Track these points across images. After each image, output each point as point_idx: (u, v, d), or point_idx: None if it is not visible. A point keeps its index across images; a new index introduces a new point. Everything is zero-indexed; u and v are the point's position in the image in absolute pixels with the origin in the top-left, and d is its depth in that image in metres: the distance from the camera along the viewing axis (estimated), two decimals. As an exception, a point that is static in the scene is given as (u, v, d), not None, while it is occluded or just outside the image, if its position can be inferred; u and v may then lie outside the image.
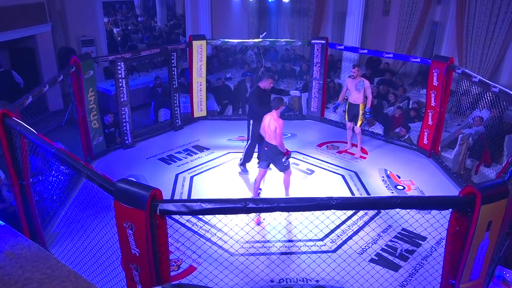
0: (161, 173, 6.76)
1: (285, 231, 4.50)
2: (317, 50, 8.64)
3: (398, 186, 6.50)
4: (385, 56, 8.25)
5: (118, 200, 2.85)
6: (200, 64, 8.46)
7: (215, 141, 8.00)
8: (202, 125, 8.84)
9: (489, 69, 9.88)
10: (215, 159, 7.31)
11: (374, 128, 8.48)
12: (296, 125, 8.93)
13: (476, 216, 2.99)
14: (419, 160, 7.41)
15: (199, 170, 6.93)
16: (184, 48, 8.89)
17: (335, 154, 7.62)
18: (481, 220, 3.01)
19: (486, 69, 9.91)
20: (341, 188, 6.44)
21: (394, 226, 5.29)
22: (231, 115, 9.60)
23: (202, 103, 8.82)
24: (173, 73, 8.05)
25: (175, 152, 7.52)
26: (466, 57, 10.09)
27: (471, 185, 3.08)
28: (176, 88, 8.21)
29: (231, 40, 8.82)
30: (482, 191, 2.97)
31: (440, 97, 7.02)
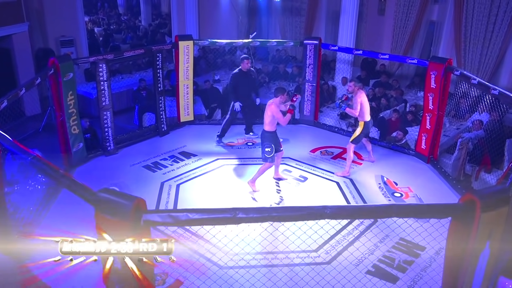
0: (146, 181, 6.73)
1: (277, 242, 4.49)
2: (310, 51, 8.68)
3: (395, 194, 6.53)
4: (380, 57, 8.32)
5: (99, 211, 2.82)
6: (187, 65, 8.46)
7: (203, 147, 7.98)
8: (189, 130, 8.81)
9: (488, 70, 10.01)
10: (203, 166, 7.29)
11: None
12: (288, 129, 8.92)
13: (476, 224, 3.01)
14: (417, 165, 7.46)
15: (186, 178, 6.89)
16: (170, 49, 8.86)
17: (330, 160, 7.64)
18: (482, 228, 3.03)
19: (485, 71, 10.03)
20: (335, 196, 6.45)
21: (391, 235, 5.31)
22: (219, 120, 9.57)
23: (189, 107, 8.80)
24: (158, 75, 8.03)
25: (161, 159, 7.48)
26: (465, 58, 10.22)
27: (471, 192, 3.11)
28: (161, 91, 8.19)
29: (220, 41, 8.83)
30: (482, 198, 2.99)
31: (438, 100, 7.09)
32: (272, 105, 6.23)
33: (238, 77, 7.89)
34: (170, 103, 9.06)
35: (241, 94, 7.88)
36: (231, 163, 7.43)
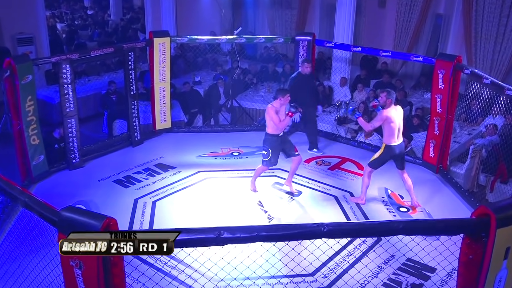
0: (117, 198, 6.68)
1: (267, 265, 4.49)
2: (303, 48, 8.75)
3: (401, 208, 6.57)
4: (382, 55, 8.41)
5: (63, 233, 2.80)
6: (163, 65, 8.45)
7: (182, 158, 7.97)
8: (166, 139, 8.79)
9: (502, 68, 10.17)
10: (183, 179, 7.27)
11: (371, 139, 8.59)
12: (279, 137, 8.97)
13: (491, 241, 3.05)
14: (425, 176, 7.53)
15: (163, 193, 6.87)
16: (144, 47, 8.85)
17: (326, 171, 7.67)
18: (498, 246, 3.07)
19: (499, 69, 10.19)
20: (334, 212, 6.47)
21: (397, 256, 5.34)
22: (201, 127, 9.59)
23: (165, 113, 8.79)
24: (131, 77, 8.02)
25: (134, 173, 7.45)
26: (476, 55, 10.37)
27: (485, 205, 3.15)
28: (134, 95, 8.17)
29: (200, 37, 8.85)
30: (498, 212, 3.04)
31: (447, 102, 7.18)
32: (269, 107, 6.42)
33: (296, 82, 7.84)
34: (144, 108, 9.02)
35: (301, 102, 7.27)
36: (215, 175, 7.42)
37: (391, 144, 6.25)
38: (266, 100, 10.45)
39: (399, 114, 6.23)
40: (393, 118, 6.12)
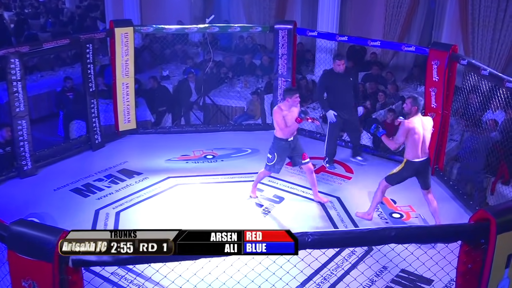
0: (75, 209, 6.63)
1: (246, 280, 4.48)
2: (283, 38, 8.78)
3: (393, 214, 6.65)
4: (370, 45, 8.48)
5: (13, 250, 2.77)
6: (126, 59, 8.40)
7: (150, 162, 7.93)
8: (130, 141, 8.75)
9: (502, 58, 10.33)
10: (150, 187, 7.25)
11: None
12: (258, 137, 8.98)
13: (491, 248, 3.10)
14: (420, 178, 7.62)
15: (128, 203, 6.84)
16: (104, 38, 8.79)
17: (311, 174, 7.72)
18: (499, 253, 3.12)
19: (499, 59, 10.35)
20: (319, 219, 6.52)
21: (390, 267, 5.38)
22: (170, 127, 9.55)
23: (130, 112, 8.73)
24: (89, 72, 7.95)
25: (94, 180, 7.40)
26: (473, 44, 10.51)
27: (484, 208, 3.20)
28: (93, 93, 8.10)
29: (168, 27, 8.82)
30: (498, 216, 3.09)
31: (442, 96, 7.28)
32: (275, 109, 6.52)
33: (327, 78, 7.65)
34: (105, 107, 8.95)
35: (336, 102, 7.57)
36: (187, 181, 7.40)
37: (414, 160, 5.92)
38: (242, 96, 10.47)
39: (427, 124, 5.96)
40: (418, 129, 5.80)
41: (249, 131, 9.29)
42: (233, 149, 8.44)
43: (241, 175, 7.59)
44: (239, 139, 8.87)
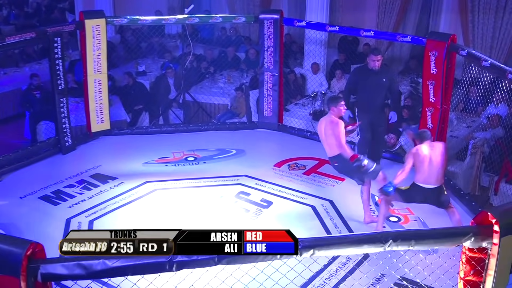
0: (44, 218, 6.59)
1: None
2: (268, 28, 8.79)
3: (391, 218, 6.68)
4: (363, 35, 8.52)
5: (-23, 264, 2.75)
6: (98, 53, 8.37)
7: (125, 166, 7.91)
8: (104, 143, 8.72)
9: (504, 48, 10.41)
10: (126, 192, 7.22)
11: (353, 136, 8.67)
12: (243, 137, 8.98)
13: (495, 253, 3.12)
14: (418, 178, 7.67)
15: (102, 210, 6.81)
16: (73, 31, 8.74)
17: (301, 176, 7.73)
18: (503, 257, 3.15)
19: (501, 49, 10.43)
20: (311, 224, 6.53)
21: (387, 274, 5.41)
22: (147, 127, 9.52)
23: (103, 111, 8.70)
24: (58, 68, 7.90)
25: (65, 186, 7.36)
26: (473, 33, 10.59)
27: (487, 210, 3.22)
28: (62, 90, 8.05)
29: (144, 18, 8.79)
30: (502, 217, 3.11)
31: (441, 89, 7.33)
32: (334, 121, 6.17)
33: (358, 75, 7.57)
34: (76, 106, 8.91)
35: (364, 103, 7.44)
36: (166, 186, 7.39)
37: (422, 186, 5.94)
38: (225, 92, 10.48)
39: (436, 149, 6.00)
40: (424, 155, 5.88)
41: (234, 130, 9.29)
42: (217, 150, 8.43)
43: (225, 179, 7.58)
44: (222, 139, 8.86)
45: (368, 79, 7.29)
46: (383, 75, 7.32)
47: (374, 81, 7.27)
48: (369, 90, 7.31)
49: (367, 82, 7.31)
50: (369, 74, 7.29)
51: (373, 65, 7.23)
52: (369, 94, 7.34)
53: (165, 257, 2.88)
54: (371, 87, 7.28)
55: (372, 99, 7.35)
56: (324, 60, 10.99)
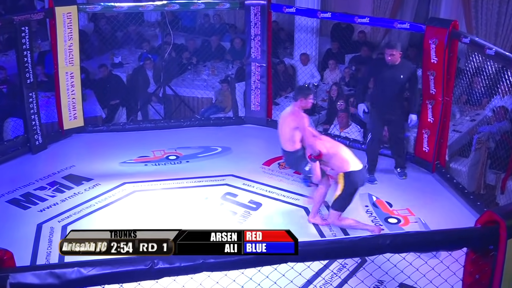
0: (13, 223, 6.56)
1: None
2: (255, 15, 8.78)
3: (389, 219, 6.70)
4: (358, 22, 8.52)
5: None
6: (70, 44, 8.33)
7: (101, 166, 7.88)
8: (77, 141, 8.69)
9: (510, 35, 10.48)
10: (103, 194, 7.20)
11: (348, 131, 8.72)
12: (229, 133, 8.98)
13: (501, 255, 3.14)
14: (418, 177, 7.71)
15: (76, 214, 6.78)
16: (42, 19, 8.69)
17: (292, 175, 7.74)
18: (510, 261, 3.17)
19: (506, 36, 10.50)
20: (303, 227, 6.53)
21: (386, 280, 5.43)
22: (124, 123, 9.49)
23: (76, 107, 8.66)
24: (26, 60, 7.86)
25: (35, 189, 7.33)
26: (476, 19, 10.65)
27: (493, 209, 3.24)
28: (31, 84, 8.01)
29: (119, 4, 8.76)
30: (508, 218, 3.12)
31: (442, 80, 7.36)
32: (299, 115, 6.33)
33: (374, 67, 7.65)
34: (47, 101, 8.87)
35: (378, 99, 7.46)
36: (146, 187, 7.38)
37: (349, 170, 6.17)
38: (209, 85, 10.49)
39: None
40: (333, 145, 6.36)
41: (219, 126, 9.28)
42: (200, 147, 8.43)
43: (210, 179, 7.57)
44: (207, 136, 8.85)
45: (383, 73, 7.28)
46: (401, 71, 7.23)
47: (389, 76, 7.22)
48: (383, 85, 7.32)
49: (382, 76, 7.31)
50: (385, 68, 7.27)
51: (388, 59, 7.19)
52: (382, 89, 7.33)
53: (144, 264, 2.88)
54: (386, 82, 7.27)
55: (385, 94, 7.31)
56: (316, 49, 11.01)
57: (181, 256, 2.95)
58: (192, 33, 12.48)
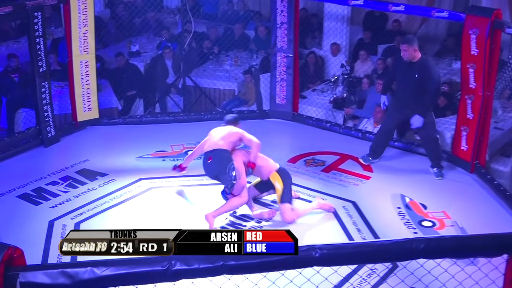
0: (23, 220, 6.62)
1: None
2: (282, 2, 8.77)
3: (423, 222, 6.65)
4: (392, 10, 8.48)
5: None
6: (85, 30, 8.37)
7: (116, 161, 7.94)
8: (92, 134, 8.76)
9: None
10: (118, 191, 7.25)
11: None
12: (252, 128, 8.93)
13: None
14: (456, 177, 7.67)
15: (89, 211, 6.83)
16: (56, 5, 8.75)
17: (319, 173, 7.74)
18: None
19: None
20: (331, 229, 6.53)
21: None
22: (141, 116, 9.53)
23: (90, 97, 8.72)
24: (39, 48, 7.93)
25: (47, 183, 7.39)
26: (522, 7, 10.54)
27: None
28: (43, 73, 8.08)
29: (137, -11, 8.81)
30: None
31: (483, 73, 7.29)
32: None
33: (398, 61, 7.83)
34: (60, 92, 8.93)
35: (396, 95, 7.85)
36: (163, 184, 7.42)
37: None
38: (232, 76, 10.46)
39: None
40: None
41: (242, 120, 9.27)
42: (222, 143, 8.43)
43: (231, 176, 7.58)
44: (228, 130, 8.85)
45: (401, 69, 7.54)
46: (417, 70, 7.28)
47: (405, 73, 7.45)
48: (399, 81, 7.72)
49: (399, 72, 7.60)
50: (402, 65, 7.50)
51: (402, 54, 7.37)
52: (399, 86, 7.77)
53: (161, 265, 2.89)
54: (401, 78, 7.59)
55: (400, 91, 7.67)
56: (346, 39, 10.93)
57: (200, 257, 2.96)
58: (214, 20, 12.45)
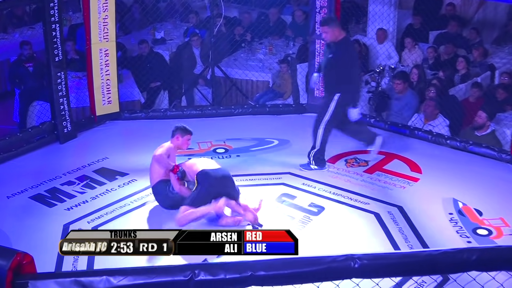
0: (36, 223, 6.67)
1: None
2: (322, -17, 8.77)
3: (478, 230, 6.58)
4: (446, -8, 8.42)
5: (-49, 278, 2.81)
6: (105, 16, 8.44)
7: (138, 159, 7.96)
8: (112, 129, 8.83)
9: None
10: (139, 192, 7.30)
11: (434, 124, 8.58)
12: (288, 123, 8.97)
13: None
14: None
15: (108, 215, 6.87)
16: (74, -12, 8.82)
17: (362, 174, 7.71)
18: None
19: None
20: (373, 236, 6.50)
21: (472, 304, 5.36)
22: (166, 110, 9.58)
23: (110, 89, 8.78)
24: (55, 35, 8.00)
25: (62, 183, 7.46)
26: None
27: None
28: (60, 63, 8.15)
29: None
30: None
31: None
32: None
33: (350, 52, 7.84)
34: (78, 83, 9.02)
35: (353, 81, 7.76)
36: (189, 186, 7.42)
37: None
38: (266, 66, 10.46)
39: None
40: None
41: (276, 115, 9.28)
42: (254, 140, 8.45)
43: (264, 177, 7.61)
44: (261, 126, 8.89)
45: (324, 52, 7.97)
46: (330, 51, 7.56)
47: (325, 56, 7.89)
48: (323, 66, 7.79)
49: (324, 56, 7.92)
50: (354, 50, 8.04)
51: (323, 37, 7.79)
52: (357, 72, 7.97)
53: (184, 274, 2.90)
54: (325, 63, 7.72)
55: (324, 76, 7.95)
56: (394, 24, 10.86)
57: (226, 266, 2.95)
58: (246, 4, 12.48)
